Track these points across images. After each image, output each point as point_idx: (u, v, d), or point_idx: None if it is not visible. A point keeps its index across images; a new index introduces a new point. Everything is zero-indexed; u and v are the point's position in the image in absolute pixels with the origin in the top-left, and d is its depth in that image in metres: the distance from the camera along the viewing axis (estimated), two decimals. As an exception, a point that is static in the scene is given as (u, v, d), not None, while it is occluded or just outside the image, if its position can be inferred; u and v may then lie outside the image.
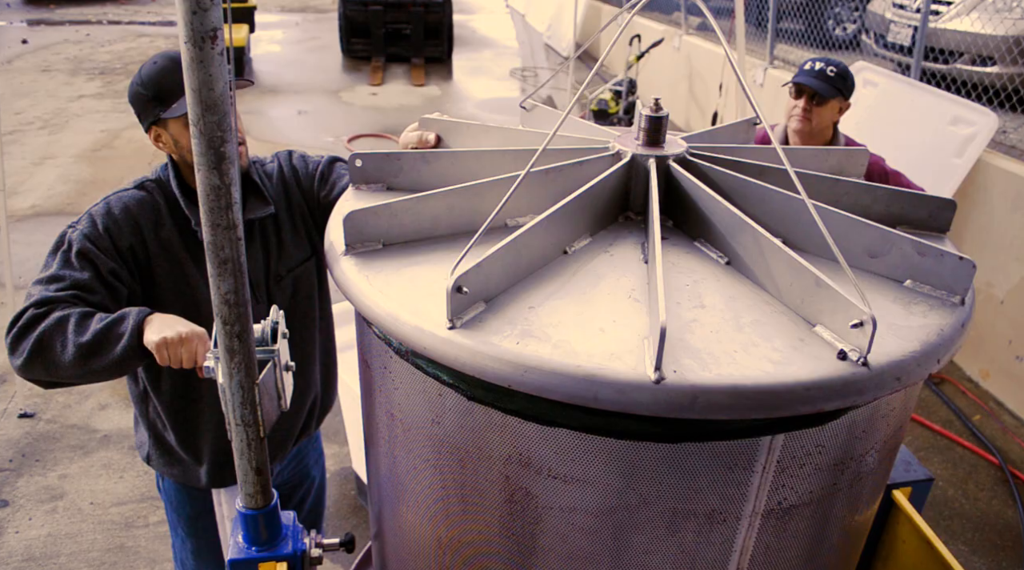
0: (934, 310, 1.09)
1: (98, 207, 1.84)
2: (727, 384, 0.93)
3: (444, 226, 1.25)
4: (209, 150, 1.04)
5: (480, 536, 1.18)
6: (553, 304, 1.07)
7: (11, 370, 4.24)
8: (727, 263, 1.19)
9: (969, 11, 5.41)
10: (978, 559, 3.35)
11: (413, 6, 11.69)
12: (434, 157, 1.40)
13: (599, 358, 0.96)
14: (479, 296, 1.05)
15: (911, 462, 1.65)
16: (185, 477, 2.09)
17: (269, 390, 1.29)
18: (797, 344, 1.00)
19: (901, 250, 1.14)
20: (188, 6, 0.95)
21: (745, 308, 1.07)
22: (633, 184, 1.29)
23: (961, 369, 4.69)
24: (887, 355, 0.98)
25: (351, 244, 1.22)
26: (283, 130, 8.77)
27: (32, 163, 7.55)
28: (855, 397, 0.96)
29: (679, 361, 0.95)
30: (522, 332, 1.00)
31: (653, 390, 0.92)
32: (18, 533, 3.35)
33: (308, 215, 2.04)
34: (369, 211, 1.21)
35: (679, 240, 1.25)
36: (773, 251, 1.08)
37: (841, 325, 0.99)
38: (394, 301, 1.08)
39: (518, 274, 1.12)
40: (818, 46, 6.90)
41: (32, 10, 15.56)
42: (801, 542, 1.16)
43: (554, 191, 1.24)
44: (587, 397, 0.94)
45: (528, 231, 1.11)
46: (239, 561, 1.36)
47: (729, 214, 1.15)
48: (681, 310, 1.06)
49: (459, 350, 0.99)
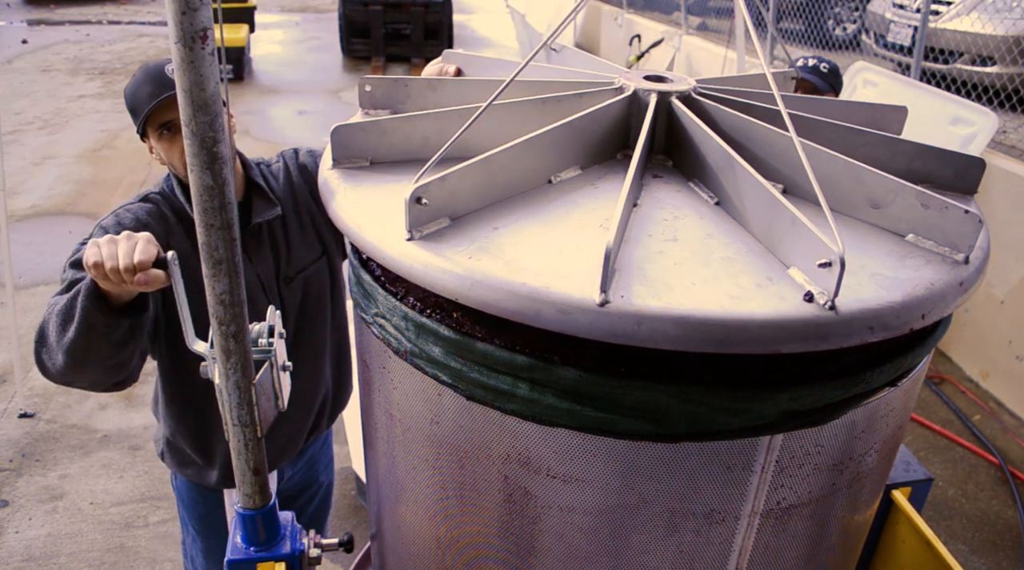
0: (930, 265, 1.03)
1: (108, 219, 1.83)
2: (675, 313, 0.89)
3: (434, 147, 1.21)
4: (202, 150, 1.04)
5: (479, 536, 1.18)
6: (519, 226, 1.06)
7: (11, 370, 4.26)
8: (716, 203, 1.15)
9: (969, 11, 5.41)
10: (978, 559, 3.34)
11: (413, 6, 11.69)
12: (440, 84, 1.39)
13: (547, 277, 0.94)
14: (443, 211, 1.04)
15: (911, 462, 1.64)
16: (198, 476, 2.09)
17: (266, 390, 1.28)
18: (763, 283, 0.96)
19: (904, 200, 1.07)
20: (177, 6, 0.95)
21: (720, 245, 1.04)
22: (634, 121, 1.26)
23: (961, 369, 4.69)
24: (860, 301, 0.93)
25: (338, 159, 1.22)
26: (283, 130, 8.77)
27: (32, 163, 7.55)
28: (817, 342, 0.91)
29: (630, 288, 0.93)
30: (478, 248, 1.00)
31: (596, 312, 0.90)
32: (18, 533, 3.35)
33: (318, 213, 2.03)
34: (357, 126, 1.20)
35: (674, 179, 1.22)
36: (754, 187, 1.04)
37: (811, 266, 0.94)
38: (364, 213, 1.09)
39: (491, 196, 1.11)
40: (818, 46, 6.90)
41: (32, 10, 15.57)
42: (800, 542, 1.16)
43: (547, 122, 1.20)
44: (528, 315, 0.92)
45: (503, 152, 1.09)
46: (238, 561, 1.36)
47: (719, 151, 1.12)
48: (651, 242, 1.03)
49: (412, 261, 0.99)
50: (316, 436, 2.24)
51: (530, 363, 1.00)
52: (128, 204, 1.87)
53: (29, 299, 4.95)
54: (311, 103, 9.90)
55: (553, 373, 0.99)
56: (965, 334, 4.68)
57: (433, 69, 1.59)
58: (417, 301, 1.11)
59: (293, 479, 2.29)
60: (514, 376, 1.01)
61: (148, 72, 1.81)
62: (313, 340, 2.08)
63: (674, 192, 1.18)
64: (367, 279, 1.19)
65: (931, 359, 1.23)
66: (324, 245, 2.06)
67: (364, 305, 1.20)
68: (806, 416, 1.00)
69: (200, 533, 2.22)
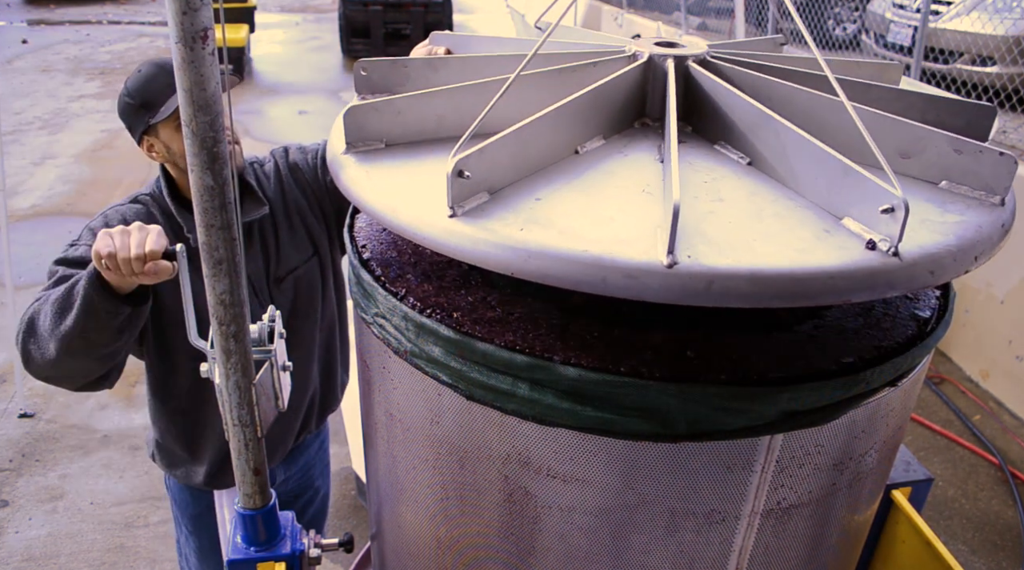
0: (971, 209, 1.03)
1: (96, 221, 1.83)
2: (746, 270, 0.88)
3: (450, 126, 1.19)
4: (202, 150, 1.04)
5: (479, 536, 1.18)
6: (560, 196, 1.03)
7: (11, 370, 4.26)
8: (748, 163, 1.13)
9: (969, 11, 5.41)
10: (978, 559, 3.35)
11: (413, 6, 11.69)
12: (442, 63, 1.34)
13: (607, 244, 0.91)
14: (482, 185, 1.01)
15: (911, 462, 1.64)
16: (186, 477, 2.09)
17: (266, 390, 1.28)
18: (822, 235, 0.95)
19: (936, 148, 1.07)
20: (178, 6, 0.95)
21: (767, 203, 1.02)
22: (650, 88, 1.23)
23: (961, 369, 4.69)
24: (920, 246, 0.93)
25: (351, 142, 1.16)
26: (283, 130, 8.77)
27: (32, 163, 7.55)
28: (884, 289, 0.91)
29: (694, 247, 0.91)
30: (527, 220, 0.96)
31: (665, 274, 0.87)
32: (18, 533, 3.35)
33: (308, 212, 2.03)
34: (369, 106, 1.16)
35: (698, 144, 1.19)
36: (797, 142, 1.03)
37: (870, 214, 0.93)
38: (394, 195, 1.04)
39: (525, 168, 1.07)
40: (818, 46, 6.89)
41: (32, 10, 15.56)
42: (800, 542, 1.16)
43: (565, 93, 1.17)
44: (593, 283, 0.89)
45: (534, 122, 1.05)
46: (237, 561, 1.36)
47: (750, 109, 1.09)
48: (698, 204, 1.01)
49: (460, 238, 0.95)
50: (306, 436, 2.24)
51: (530, 363, 0.99)
52: (117, 205, 1.87)
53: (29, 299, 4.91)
54: (311, 103, 9.89)
55: (553, 373, 0.99)
56: (965, 334, 4.68)
57: (421, 51, 1.54)
58: (417, 301, 1.11)
59: (288, 484, 2.29)
60: (514, 376, 1.01)
61: (158, 65, 1.80)
62: (303, 340, 2.08)
63: (703, 156, 1.15)
64: (367, 279, 1.19)
65: (931, 359, 1.23)
66: (315, 245, 2.06)
67: (364, 305, 1.20)
68: (806, 416, 1.00)
69: (193, 533, 2.22)
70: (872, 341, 1.07)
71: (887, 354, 1.05)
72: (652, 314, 1.10)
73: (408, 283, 1.16)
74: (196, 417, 1.99)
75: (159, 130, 1.81)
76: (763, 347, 1.04)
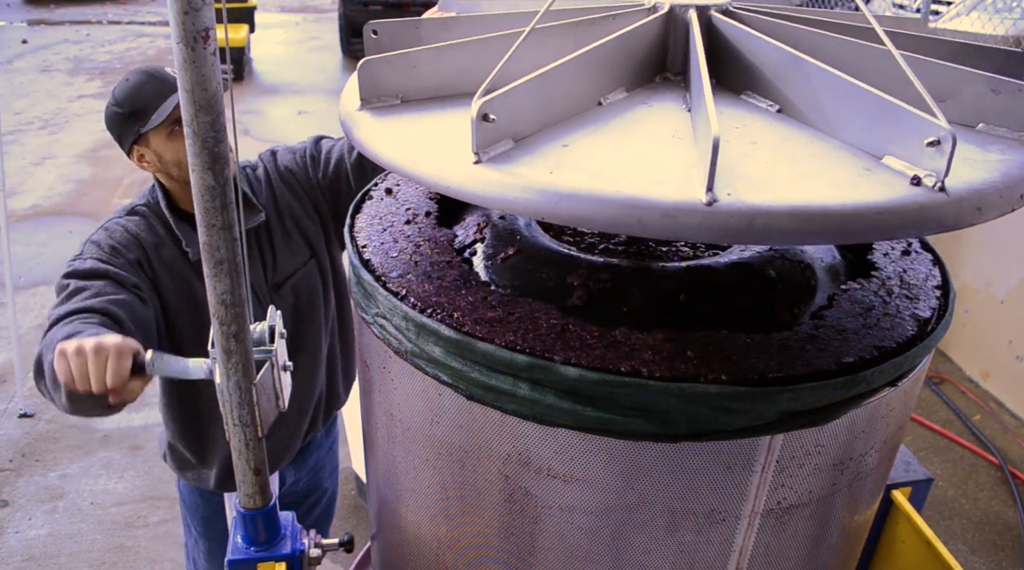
0: (1012, 149, 1.01)
1: (98, 234, 1.81)
2: (788, 206, 0.85)
3: (467, 81, 1.14)
4: (203, 150, 1.04)
5: (479, 536, 1.18)
6: (588, 142, 1.00)
7: (11, 370, 4.26)
8: (778, 111, 1.10)
9: (969, 11, 5.41)
10: (978, 559, 3.35)
11: (413, 6, 11.68)
12: (455, 22, 1.30)
13: (642, 185, 0.89)
14: (507, 131, 0.98)
15: (911, 462, 1.64)
16: (197, 480, 2.10)
17: (267, 390, 1.29)
18: (863, 173, 0.92)
19: (973, 89, 1.04)
20: (180, 6, 0.95)
21: (802, 145, 1.00)
22: (671, 41, 1.20)
23: (961, 369, 4.69)
24: (965, 182, 0.91)
25: (366, 98, 1.13)
26: (283, 130, 8.76)
27: (32, 163, 7.55)
28: (933, 226, 0.88)
29: (733, 185, 0.88)
30: (555, 165, 0.94)
31: (705, 213, 0.84)
32: (18, 533, 3.35)
33: (303, 215, 2.02)
34: (384, 60, 1.12)
35: (723, 95, 1.16)
36: (831, 83, 0.99)
37: (914, 149, 0.89)
38: (413, 147, 1.02)
39: (549, 116, 1.04)
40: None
41: (32, 10, 15.56)
42: (800, 542, 1.16)
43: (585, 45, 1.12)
44: (629, 223, 0.86)
45: (557, 68, 1.02)
46: (238, 561, 1.36)
47: (780, 54, 1.06)
48: (731, 147, 0.98)
49: (486, 184, 0.92)
50: (313, 436, 2.25)
51: (530, 363, 1.00)
52: (116, 217, 1.85)
53: (29, 299, 4.95)
54: (311, 103, 9.89)
55: (553, 373, 0.99)
56: (965, 334, 4.68)
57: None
58: (418, 301, 1.11)
59: (298, 485, 2.29)
60: (514, 376, 1.01)
61: (146, 73, 1.79)
62: (309, 343, 2.08)
63: (730, 105, 1.12)
64: (367, 279, 1.19)
65: (931, 359, 1.23)
66: (311, 248, 2.04)
67: (364, 305, 1.20)
68: (806, 416, 1.00)
69: (203, 535, 2.22)
70: (872, 341, 1.07)
71: (887, 354, 1.05)
72: (652, 314, 1.10)
73: (408, 283, 1.16)
74: (207, 422, 1.99)
75: (150, 139, 1.79)
76: (763, 347, 1.04)
